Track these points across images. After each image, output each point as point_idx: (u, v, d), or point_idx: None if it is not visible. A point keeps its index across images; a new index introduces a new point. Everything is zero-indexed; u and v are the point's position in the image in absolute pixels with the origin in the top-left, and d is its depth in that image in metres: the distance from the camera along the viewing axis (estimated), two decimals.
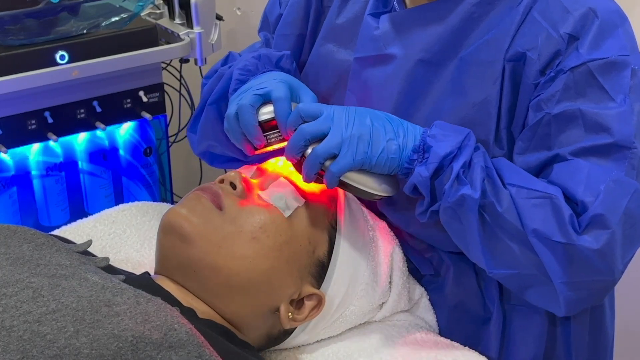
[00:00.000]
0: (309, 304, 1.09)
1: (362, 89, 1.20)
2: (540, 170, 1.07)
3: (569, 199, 1.02)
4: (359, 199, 1.20)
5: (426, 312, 1.23)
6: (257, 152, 1.16)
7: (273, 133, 1.13)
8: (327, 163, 1.04)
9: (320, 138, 1.04)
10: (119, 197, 2.00)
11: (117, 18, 1.83)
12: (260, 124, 1.12)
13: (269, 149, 1.15)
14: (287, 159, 1.08)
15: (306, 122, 1.06)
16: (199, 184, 1.19)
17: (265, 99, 1.12)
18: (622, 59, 1.04)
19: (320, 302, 1.09)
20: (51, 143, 1.83)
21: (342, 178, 1.05)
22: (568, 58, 1.04)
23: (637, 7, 1.70)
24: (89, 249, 1.14)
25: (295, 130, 1.06)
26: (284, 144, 1.11)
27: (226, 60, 1.39)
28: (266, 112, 1.12)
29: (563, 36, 1.05)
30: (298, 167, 1.08)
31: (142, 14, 1.92)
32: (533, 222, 1.00)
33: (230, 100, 1.17)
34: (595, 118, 1.03)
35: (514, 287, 1.08)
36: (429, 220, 1.08)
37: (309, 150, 1.05)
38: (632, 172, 1.03)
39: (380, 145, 1.03)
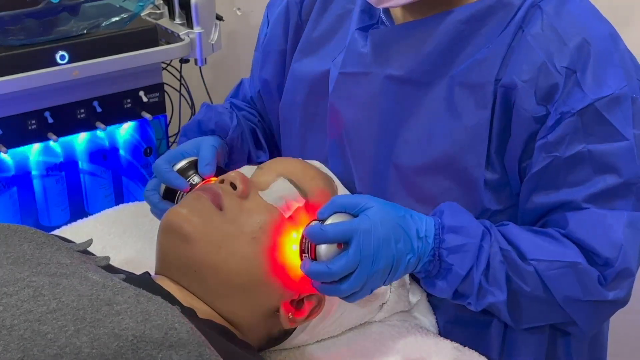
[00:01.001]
0: (309, 304, 1.09)
1: (347, 105, 1.20)
2: (550, 210, 1.09)
3: (590, 254, 1.06)
4: None
5: (426, 313, 1.23)
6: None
7: (179, 194, 1.20)
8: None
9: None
10: (119, 197, 2.00)
11: (117, 18, 1.83)
12: (165, 196, 1.21)
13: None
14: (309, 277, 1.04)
15: (335, 241, 1.01)
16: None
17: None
18: (624, 92, 1.05)
19: (320, 302, 1.09)
20: (51, 143, 1.83)
21: None
22: (571, 97, 1.04)
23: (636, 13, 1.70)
24: (89, 249, 1.14)
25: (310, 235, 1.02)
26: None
27: (237, 90, 1.45)
28: (161, 186, 1.22)
29: (560, 70, 1.04)
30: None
31: (142, 14, 1.93)
32: (561, 291, 1.06)
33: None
34: (603, 158, 1.05)
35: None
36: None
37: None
38: (637, 202, 1.07)
39: (399, 271, 1.03)
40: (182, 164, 1.20)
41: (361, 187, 1.20)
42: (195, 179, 1.19)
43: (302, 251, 1.03)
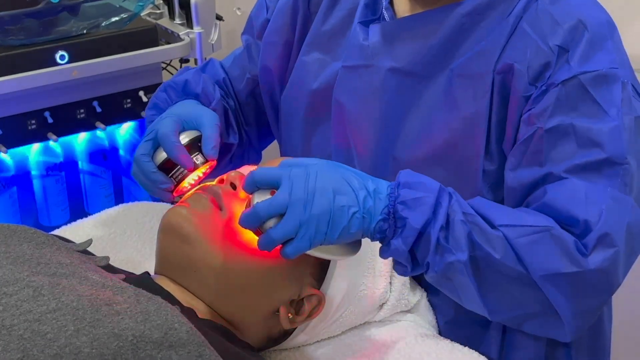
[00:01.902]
0: (309, 304, 1.09)
1: (349, 99, 1.20)
2: (533, 188, 1.05)
3: (567, 222, 0.99)
4: None
5: (426, 313, 1.23)
6: (175, 193, 1.14)
7: (177, 170, 1.12)
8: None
9: (278, 217, 0.96)
10: (119, 197, 2.00)
11: (117, 18, 1.83)
12: (160, 167, 1.12)
13: (185, 184, 1.14)
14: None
15: (260, 189, 0.98)
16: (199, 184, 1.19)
17: (157, 142, 1.12)
18: (613, 72, 1.03)
19: (320, 302, 1.09)
20: (51, 143, 1.83)
21: None
22: (559, 71, 1.04)
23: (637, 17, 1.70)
24: (89, 249, 1.14)
25: (247, 184, 0.99)
26: (198, 172, 1.13)
27: (205, 66, 1.39)
28: (160, 154, 1.12)
29: (552, 48, 1.04)
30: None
31: (142, 14, 1.93)
32: (536, 261, 0.97)
33: None
34: (587, 134, 1.02)
35: (513, 325, 1.06)
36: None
37: (264, 225, 0.97)
38: (625, 188, 1.01)
39: (342, 224, 0.95)
40: (188, 139, 1.14)
41: None
42: (199, 159, 1.13)
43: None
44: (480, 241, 0.98)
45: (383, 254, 1.01)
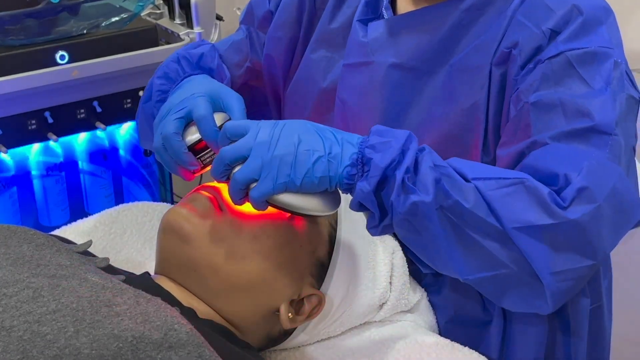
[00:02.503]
0: (309, 304, 1.09)
1: (350, 96, 1.20)
2: (520, 158, 1.02)
3: (547, 180, 0.95)
4: None
5: (426, 313, 1.23)
6: (197, 174, 1.12)
7: (206, 153, 1.09)
8: (252, 186, 0.96)
9: (242, 161, 0.96)
10: (119, 197, 2.00)
11: (117, 18, 1.83)
12: (190, 148, 1.09)
13: (208, 169, 1.11)
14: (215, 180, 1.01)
15: (233, 141, 0.98)
16: (199, 184, 1.19)
17: (188, 120, 1.09)
18: (604, 51, 1.02)
19: (320, 302, 1.09)
20: (51, 143, 1.83)
21: (269, 200, 0.97)
22: (547, 49, 1.04)
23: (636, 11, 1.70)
24: (89, 249, 1.14)
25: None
26: None
27: (194, 48, 1.35)
28: (192, 134, 1.09)
29: (545, 32, 1.04)
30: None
31: (142, 14, 1.93)
32: (510, 212, 0.92)
33: (154, 127, 1.12)
34: (574, 105, 0.99)
35: (490, 293, 1.00)
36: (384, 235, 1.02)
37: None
38: (614, 158, 0.97)
39: (305, 166, 0.94)
40: (219, 124, 1.08)
41: None
42: (207, 158, 1.10)
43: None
44: (450, 189, 0.93)
45: (352, 204, 0.98)
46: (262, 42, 1.34)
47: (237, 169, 0.96)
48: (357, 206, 0.97)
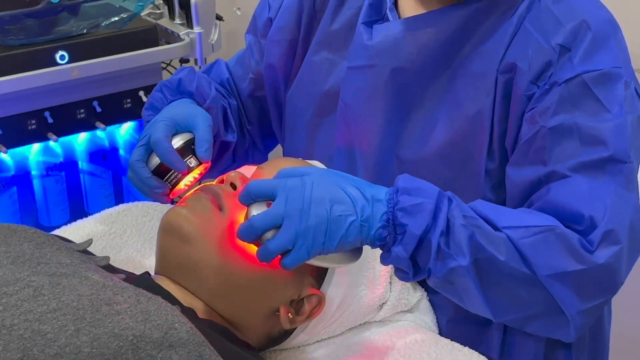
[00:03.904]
0: (309, 304, 1.09)
1: (353, 99, 1.20)
2: (536, 186, 1.05)
3: (571, 219, 0.99)
4: None
5: (426, 313, 1.23)
6: (170, 196, 1.15)
7: (171, 174, 1.12)
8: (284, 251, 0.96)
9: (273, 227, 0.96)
10: (119, 197, 2.01)
11: (117, 18, 1.83)
12: (155, 172, 1.12)
13: (181, 186, 1.15)
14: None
15: (257, 201, 0.97)
16: (199, 184, 1.19)
17: (148, 147, 1.13)
18: (616, 71, 1.04)
19: (320, 302, 1.09)
20: (51, 143, 1.83)
21: None
22: (561, 70, 1.04)
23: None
24: (89, 249, 1.14)
25: (244, 196, 0.98)
26: (193, 174, 1.14)
27: (211, 66, 1.40)
28: (154, 159, 1.13)
29: (554, 47, 1.04)
30: None
31: (142, 14, 1.93)
32: (541, 260, 0.97)
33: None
34: (591, 131, 1.02)
35: (517, 326, 1.05)
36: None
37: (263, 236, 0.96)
38: (629, 185, 1.02)
39: (339, 234, 0.94)
40: (180, 143, 1.14)
41: (366, 179, 1.20)
42: (193, 162, 1.14)
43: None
44: (484, 243, 0.97)
45: (384, 260, 1.01)
46: (264, 50, 1.34)
47: (268, 234, 0.95)
48: (388, 263, 1.00)
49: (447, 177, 1.12)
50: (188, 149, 1.14)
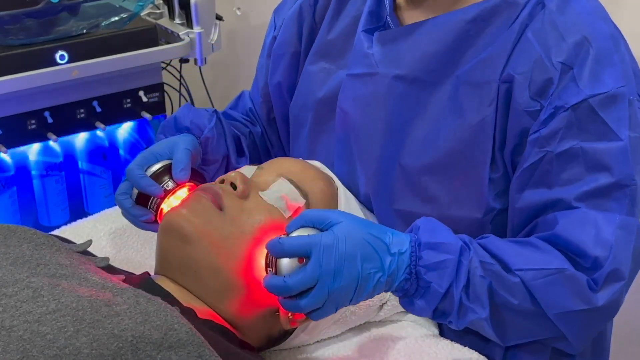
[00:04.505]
0: None
1: (352, 107, 1.20)
2: (541, 211, 1.07)
3: (577, 253, 1.03)
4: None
5: None
6: (158, 220, 1.17)
7: (152, 200, 1.17)
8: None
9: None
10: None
11: (117, 18, 1.83)
12: (138, 202, 1.18)
13: (165, 206, 1.17)
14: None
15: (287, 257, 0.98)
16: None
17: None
18: (621, 91, 1.04)
19: None
20: (51, 143, 1.83)
21: None
22: (565, 91, 1.04)
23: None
24: (89, 249, 1.14)
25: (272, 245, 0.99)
26: (175, 196, 1.17)
27: (237, 101, 1.45)
28: (134, 190, 1.18)
29: (555, 65, 1.04)
30: None
31: (142, 14, 1.93)
32: (551, 301, 1.02)
33: None
34: (596, 156, 1.03)
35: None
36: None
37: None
38: (633, 209, 1.05)
39: (368, 290, 0.98)
40: (155, 168, 1.18)
41: (367, 188, 1.20)
42: (170, 184, 1.16)
43: (266, 265, 1.01)
44: (499, 289, 1.02)
45: (405, 307, 1.05)
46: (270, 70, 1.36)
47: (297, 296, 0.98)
48: (409, 311, 1.05)
49: (450, 186, 1.11)
50: (165, 172, 1.18)
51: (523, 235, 1.09)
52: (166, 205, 1.16)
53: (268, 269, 1.00)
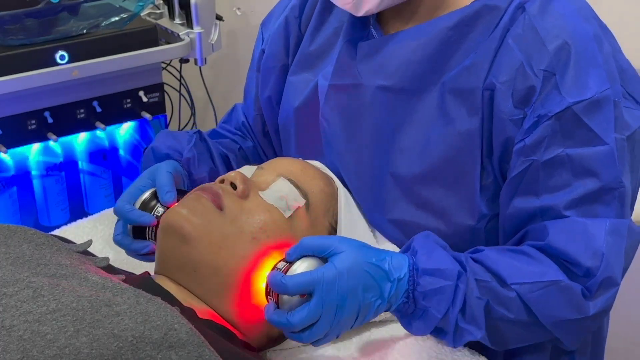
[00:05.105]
0: None
1: (335, 118, 1.20)
2: (531, 219, 1.07)
3: (570, 261, 1.04)
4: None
5: None
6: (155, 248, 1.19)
7: (148, 230, 1.17)
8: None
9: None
10: (119, 197, 2.00)
11: (117, 18, 1.83)
12: (136, 236, 1.18)
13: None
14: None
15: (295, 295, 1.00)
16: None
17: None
18: (604, 95, 1.03)
19: None
20: (51, 143, 1.83)
21: None
22: (548, 98, 1.03)
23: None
24: (89, 249, 1.14)
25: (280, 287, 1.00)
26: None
27: (230, 115, 1.44)
28: (129, 226, 1.19)
29: (537, 73, 1.03)
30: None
31: (142, 14, 1.93)
32: (546, 312, 1.04)
33: None
34: (582, 162, 1.03)
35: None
36: None
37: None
38: (622, 211, 1.05)
39: (368, 317, 1.02)
40: (142, 198, 1.18)
41: (359, 199, 1.20)
42: (160, 209, 1.17)
43: (267, 293, 1.02)
44: (495, 305, 1.04)
45: (405, 327, 1.08)
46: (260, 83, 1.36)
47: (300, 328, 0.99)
48: (407, 329, 1.08)
49: (442, 193, 1.11)
50: (153, 199, 1.19)
51: (514, 243, 1.10)
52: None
53: (268, 297, 1.02)
